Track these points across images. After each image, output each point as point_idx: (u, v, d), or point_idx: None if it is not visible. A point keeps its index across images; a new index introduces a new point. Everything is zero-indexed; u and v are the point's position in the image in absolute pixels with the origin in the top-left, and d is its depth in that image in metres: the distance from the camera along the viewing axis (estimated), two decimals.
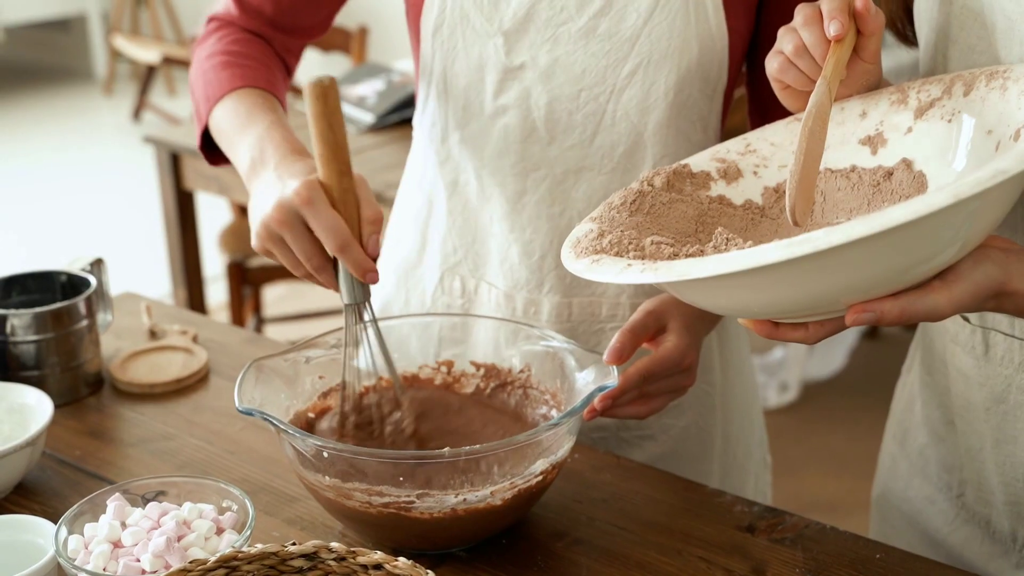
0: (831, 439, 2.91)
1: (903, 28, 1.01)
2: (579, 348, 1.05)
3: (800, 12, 0.94)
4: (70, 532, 0.94)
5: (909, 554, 0.98)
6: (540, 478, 0.97)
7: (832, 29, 0.90)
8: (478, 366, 1.13)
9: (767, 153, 1.00)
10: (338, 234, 0.94)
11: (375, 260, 0.97)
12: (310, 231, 0.95)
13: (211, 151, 1.19)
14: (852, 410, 2.98)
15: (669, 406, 1.07)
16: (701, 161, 1.01)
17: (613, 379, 0.98)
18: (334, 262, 0.98)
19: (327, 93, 0.95)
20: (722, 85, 1.13)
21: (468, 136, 1.17)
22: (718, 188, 0.99)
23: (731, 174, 1.00)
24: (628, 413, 1.04)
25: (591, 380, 1.02)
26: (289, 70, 1.23)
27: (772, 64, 0.95)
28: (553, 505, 1.04)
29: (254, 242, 0.99)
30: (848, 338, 3.39)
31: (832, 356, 3.31)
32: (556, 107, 1.11)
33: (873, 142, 0.95)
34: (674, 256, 0.87)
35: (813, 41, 0.91)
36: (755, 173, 1.00)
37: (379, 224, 0.97)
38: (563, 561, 0.98)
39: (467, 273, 1.22)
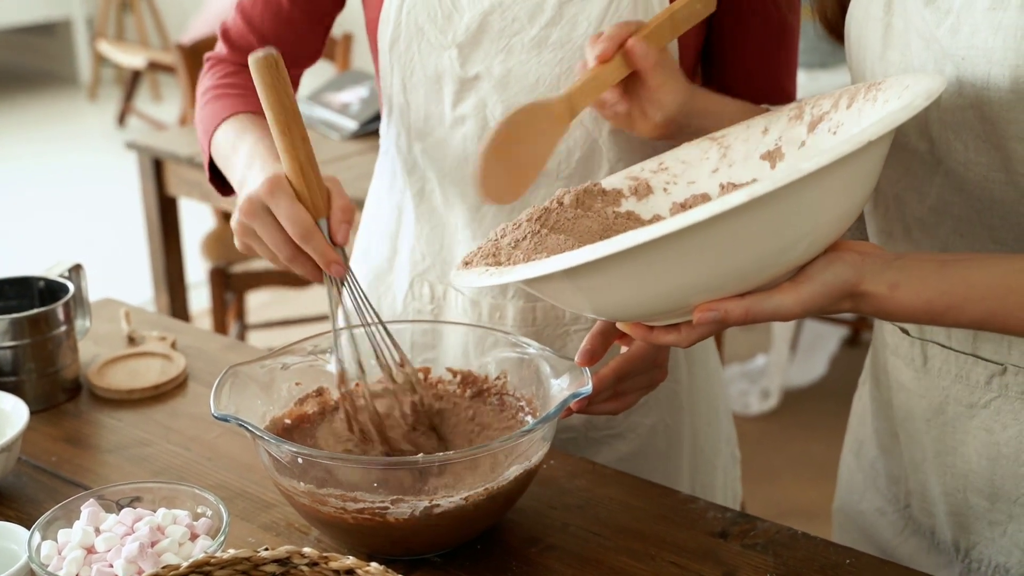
0: (812, 446, 2.92)
1: (837, 26, 1.04)
2: (554, 355, 1.06)
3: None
4: (43, 538, 0.94)
5: (878, 559, 0.99)
6: (514, 484, 0.98)
7: (596, 51, 1.00)
8: (454, 373, 1.13)
9: (678, 171, 1.03)
10: (299, 224, 0.98)
11: (343, 248, 1.00)
12: (278, 222, 0.99)
13: (221, 184, 1.23)
14: (832, 417, 2.98)
15: (637, 404, 1.09)
16: (615, 180, 1.04)
17: (587, 386, 0.99)
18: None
19: (270, 68, 0.96)
20: None
21: (430, 146, 1.18)
22: (628, 204, 1.02)
23: (642, 191, 1.03)
24: (603, 410, 1.05)
25: (566, 386, 1.02)
26: None
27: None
28: (527, 511, 1.05)
29: (236, 239, 1.02)
30: (830, 346, 3.40)
31: (813, 364, 3.32)
32: None
33: (772, 156, 0.99)
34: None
35: (589, 55, 1.01)
36: (665, 190, 1.02)
37: (349, 213, 1.00)
38: (537, 567, 0.98)
39: (435, 279, 1.23)
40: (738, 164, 1.00)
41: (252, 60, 0.96)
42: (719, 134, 1.03)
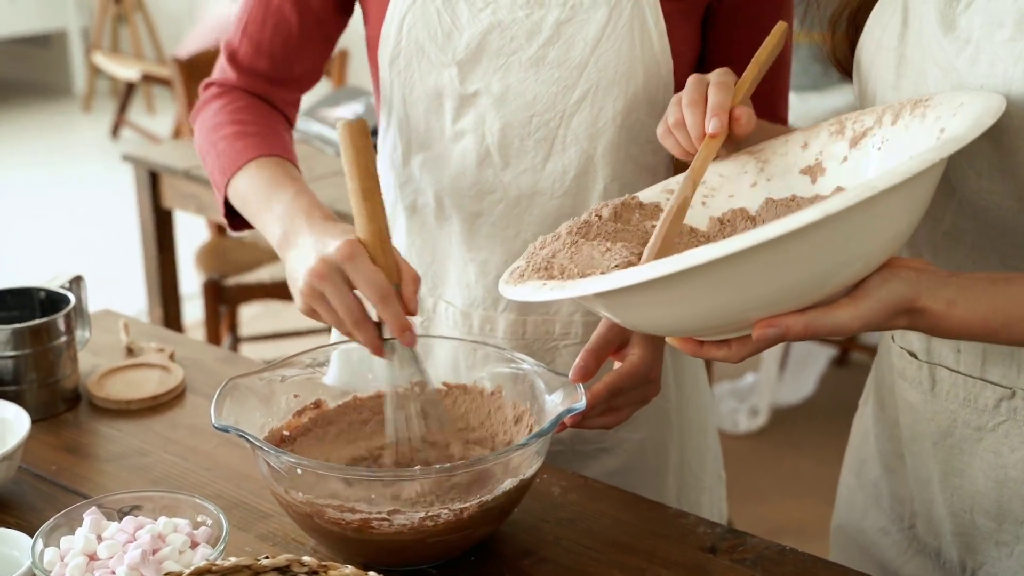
0: (800, 464, 2.94)
1: (847, 65, 1.05)
2: (548, 371, 1.08)
3: (689, 87, 1.00)
4: (46, 545, 0.95)
5: (864, 575, 1.01)
6: (508, 497, 0.99)
7: (711, 127, 0.97)
8: (449, 387, 1.15)
9: (716, 184, 1.04)
10: (379, 288, 0.99)
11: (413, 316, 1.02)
12: (351, 287, 1.00)
13: (233, 217, 1.23)
14: (821, 435, 3.01)
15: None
16: (651, 193, 1.04)
17: (581, 402, 1.01)
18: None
19: (362, 134, 1.00)
20: None
21: (429, 159, 1.21)
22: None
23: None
24: (597, 424, 1.07)
25: (560, 402, 1.04)
26: (291, 122, 1.30)
27: (658, 129, 1.03)
28: (521, 524, 1.07)
29: (298, 302, 1.02)
30: (818, 364, 3.43)
31: (802, 382, 3.34)
32: (509, 132, 1.16)
33: (813, 171, 1.00)
34: (583, 276, 0.91)
35: (692, 123, 0.98)
36: (703, 203, 1.03)
37: (419, 283, 1.02)
38: None
39: (426, 292, 1.26)
40: (777, 178, 1.01)
41: (343, 126, 1.00)
42: (756, 148, 1.03)
